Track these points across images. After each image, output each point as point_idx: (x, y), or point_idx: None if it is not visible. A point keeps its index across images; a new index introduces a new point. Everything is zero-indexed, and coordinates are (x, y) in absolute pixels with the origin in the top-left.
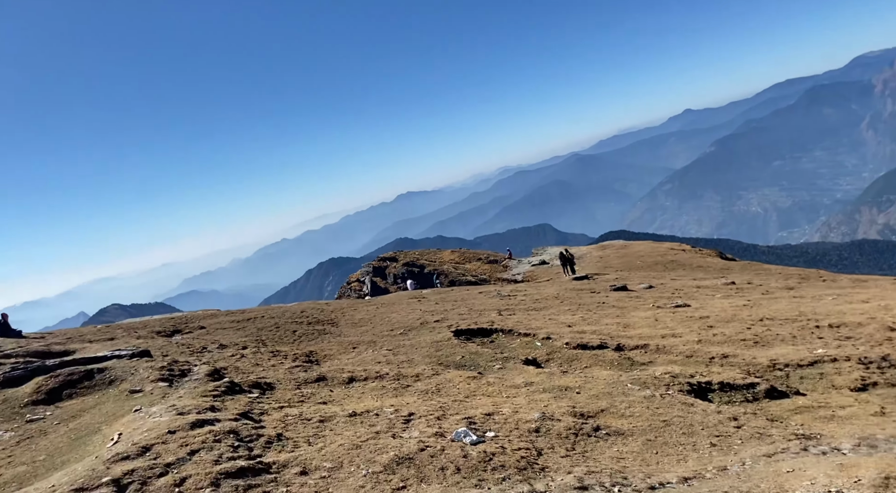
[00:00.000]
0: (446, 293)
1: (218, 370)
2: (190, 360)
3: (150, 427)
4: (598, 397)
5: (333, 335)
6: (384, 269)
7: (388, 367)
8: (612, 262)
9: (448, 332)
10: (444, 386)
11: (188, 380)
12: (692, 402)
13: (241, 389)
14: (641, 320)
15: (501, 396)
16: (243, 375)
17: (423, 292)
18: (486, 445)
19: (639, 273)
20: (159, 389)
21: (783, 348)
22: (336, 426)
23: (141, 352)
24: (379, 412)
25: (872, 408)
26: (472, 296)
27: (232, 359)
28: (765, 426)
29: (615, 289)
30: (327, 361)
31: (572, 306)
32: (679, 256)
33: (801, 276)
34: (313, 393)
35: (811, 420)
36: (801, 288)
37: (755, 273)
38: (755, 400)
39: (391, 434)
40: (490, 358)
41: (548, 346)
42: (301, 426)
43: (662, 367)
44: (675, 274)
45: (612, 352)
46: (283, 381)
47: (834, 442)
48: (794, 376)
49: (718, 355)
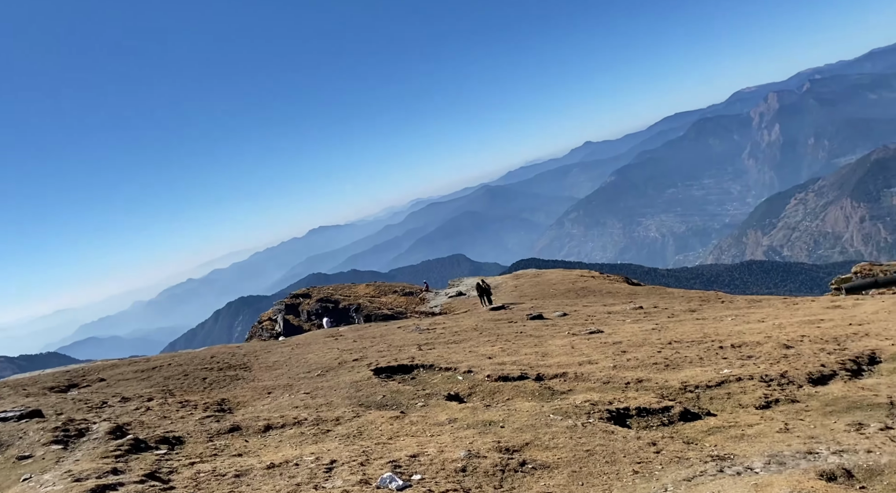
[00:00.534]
0: (364, 330)
1: (121, 427)
2: (88, 417)
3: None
4: (522, 430)
5: (247, 381)
6: (297, 306)
7: (307, 411)
8: (527, 291)
9: (367, 370)
10: (367, 428)
11: (86, 440)
12: (612, 429)
13: (148, 445)
14: (559, 348)
15: (426, 435)
16: (149, 430)
17: (340, 330)
18: (413, 490)
19: (553, 301)
20: (52, 452)
21: (692, 370)
22: (253, 481)
23: (31, 412)
24: (299, 462)
25: (777, 425)
26: (390, 331)
27: (136, 413)
28: (682, 450)
29: (532, 318)
30: (241, 408)
31: (491, 337)
32: (589, 282)
33: (702, 298)
34: (227, 445)
35: (724, 440)
36: (703, 310)
37: (660, 297)
38: (671, 423)
39: (313, 485)
40: (412, 396)
41: (469, 379)
42: (215, 483)
43: (582, 395)
44: (586, 301)
45: (533, 382)
46: (193, 434)
47: (746, 462)
48: (704, 397)
49: (633, 380)
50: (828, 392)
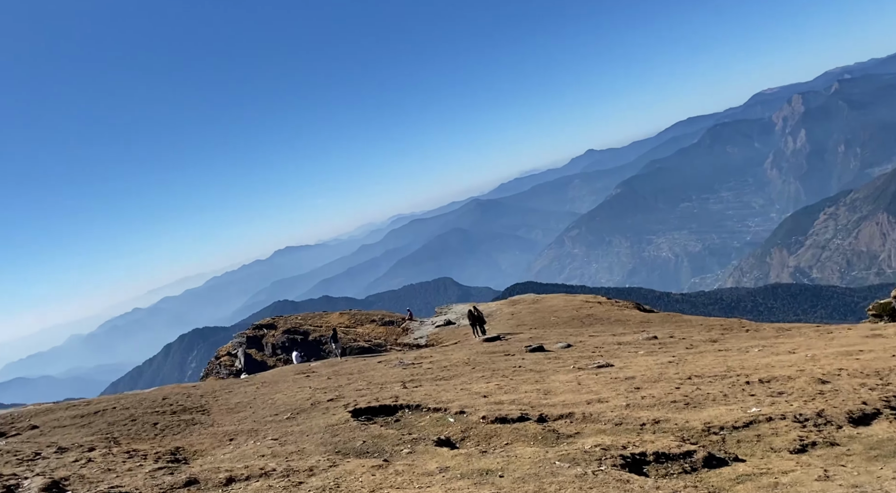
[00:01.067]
0: (340, 365)
1: (57, 482)
2: (18, 472)
3: None
4: (524, 479)
5: (205, 425)
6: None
7: (275, 461)
8: (525, 319)
9: (345, 412)
10: (345, 480)
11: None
12: (627, 478)
13: None
14: (563, 384)
15: (413, 486)
16: (91, 485)
17: (312, 365)
18: None
19: (555, 330)
20: None
21: (716, 409)
22: None
23: None
24: None
25: (815, 472)
26: (370, 366)
27: (75, 465)
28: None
29: (531, 350)
30: (199, 458)
31: (486, 372)
32: (595, 309)
33: (724, 326)
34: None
35: (755, 490)
36: (726, 340)
37: (676, 325)
38: (693, 471)
39: None
40: (396, 441)
41: (462, 422)
42: None
43: (591, 438)
44: (593, 330)
45: (535, 424)
46: (143, 489)
47: None
48: (730, 440)
49: (650, 421)
50: (871, 434)
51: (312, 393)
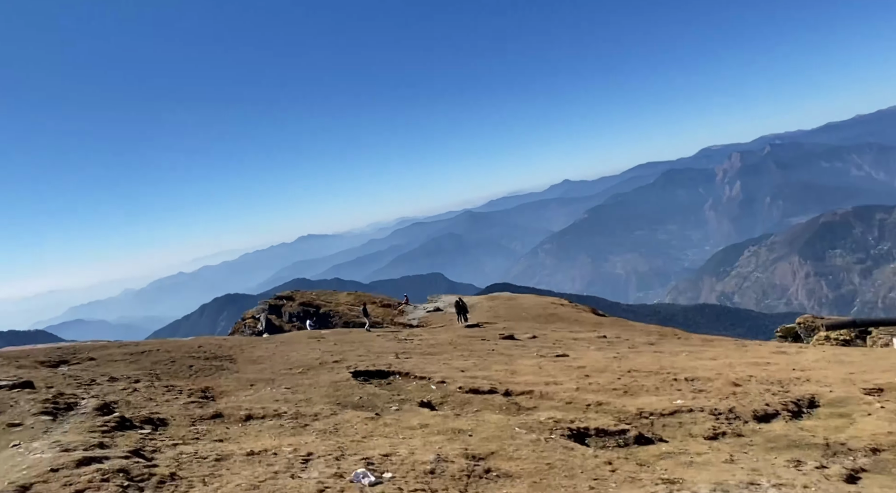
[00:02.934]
0: (345, 334)
1: (108, 404)
2: (77, 393)
3: (31, 464)
4: (488, 440)
5: (231, 372)
6: (280, 307)
7: (287, 406)
8: (501, 312)
9: (347, 372)
10: (343, 426)
11: (74, 414)
12: (572, 446)
13: (133, 424)
14: (527, 367)
15: (398, 437)
16: (135, 410)
17: (323, 332)
18: (384, 486)
19: (524, 324)
20: (41, 423)
21: (648, 398)
22: (233, 466)
23: (23, 383)
24: (277, 452)
25: (723, 456)
26: (370, 338)
27: (123, 393)
28: (635, 471)
29: (503, 338)
30: (224, 397)
31: (465, 352)
32: (559, 310)
33: (660, 333)
34: (209, 430)
35: (674, 466)
36: (661, 344)
37: (622, 328)
38: (626, 445)
39: (290, 475)
40: (387, 400)
41: (442, 390)
42: (196, 465)
43: (546, 412)
44: (555, 326)
45: (502, 397)
46: (177, 417)
47: (694, 487)
48: (657, 424)
49: (594, 403)
50: (770, 430)
51: (321, 355)
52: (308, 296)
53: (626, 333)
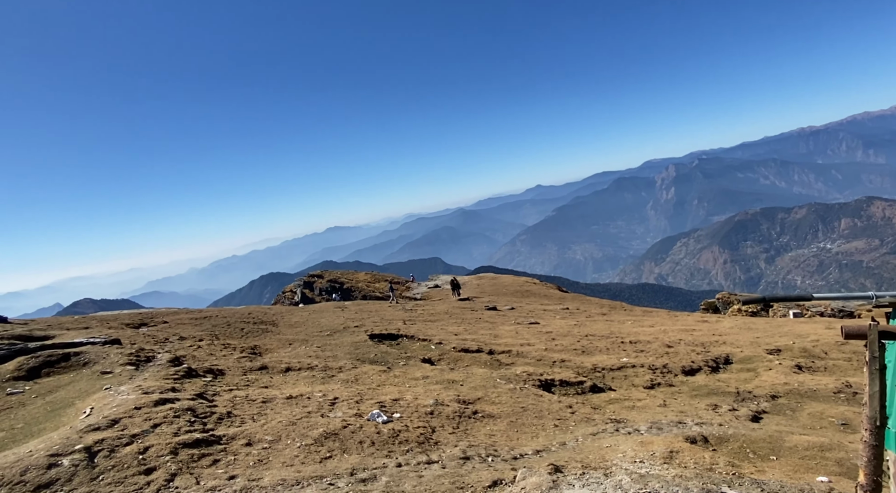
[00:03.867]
0: (363, 305)
1: (178, 358)
2: (154, 348)
3: (119, 403)
4: (476, 388)
5: (274, 334)
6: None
7: (317, 360)
8: (486, 289)
9: (364, 335)
10: (361, 377)
11: (152, 365)
12: (541, 394)
13: (197, 374)
14: (506, 332)
15: (405, 386)
16: (199, 362)
17: (345, 304)
18: (394, 424)
19: (504, 298)
20: (127, 371)
21: (601, 357)
22: (276, 406)
23: (112, 340)
24: (311, 396)
25: (658, 401)
26: (383, 309)
27: (190, 349)
28: (590, 413)
29: (488, 309)
30: (268, 354)
31: (458, 320)
32: (532, 287)
33: (611, 306)
34: (257, 379)
35: (620, 409)
36: (611, 315)
37: (581, 302)
38: (583, 393)
39: (320, 414)
40: (397, 356)
41: (439, 349)
42: (247, 406)
43: (521, 367)
44: (529, 300)
45: (486, 355)
46: (232, 368)
47: (635, 425)
48: (608, 377)
49: (559, 360)
50: (694, 381)
51: (344, 321)
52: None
53: (584, 306)
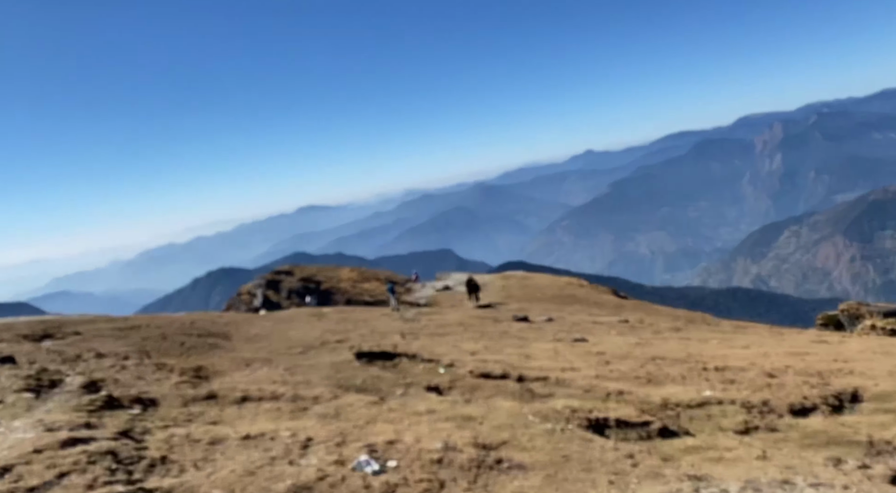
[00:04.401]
0: (349, 312)
1: (95, 382)
2: (62, 369)
3: (12, 444)
4: (500, 428)
5: (226, 350)
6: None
7: (285, 387)
8: (514, 292)
9: (349, 353)
10: (344, 410)
11: (59, 392)
12: (591, 437)
13: (121, 404)
14: (542, 351)
15: (403, 423)
16: (124, 388)
17: (324, 310)
18: (389, 475)
19: (539, 305)
20: (23, 400)
21: (674, 388)
22: (228, 450)
23: (3, 358)
24: (275, 436)
25: (755, 452)
26: (374, 317)
27: (111, 370)
28: (659, 465)
29: (517, 319)
30: (218, 377)
31: (475, 333)
32: (577, 291)
33: (688, 318)
34: (202, 412)
35: (701, 461)
36: (688, 330)
37: (646, 312)
38: (649, 438)
39: (288, 461)
40: (392, 383)
41: (451, 373)
42: (188, 448)
43: (562, 400)
44: (572, 308)
45: (514, 383)
46: (168, 397)
47: (723, 484)
48: (684, 416)
49: (615, 392)
50: (808, 425)
51: (322, 334)
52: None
53: (650, 317)
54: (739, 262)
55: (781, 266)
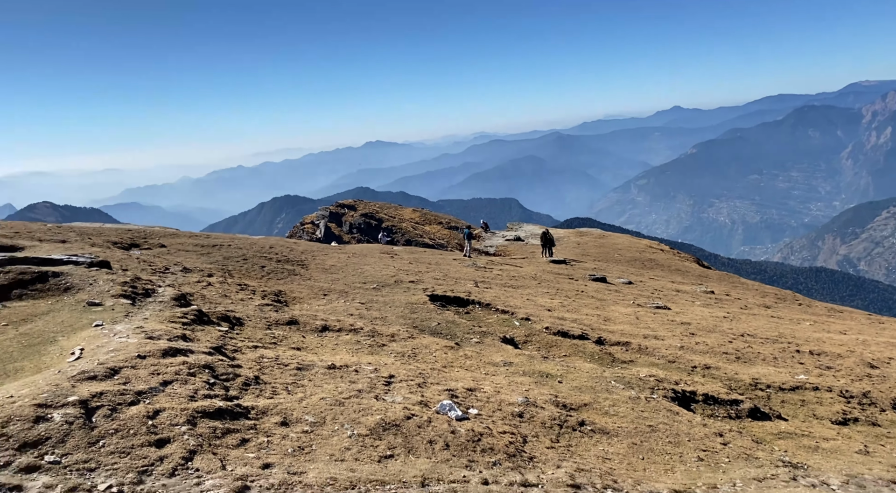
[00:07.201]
0: (420, 254)
1: (184, 296)
2: (153, 279)
3: (117, 348)
4: (580, 389)
5: (303, 278)
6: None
7: (362, 321)
8: (590, 250)
9: (423, 295)
10: (421, 351)
11: (152, 301)
12: (677, 410)
13: (210, 320)
14: (622, 315)
15: (480, 372)
16: (211, 305)
17: (395, 249)
18: (472, 423)
19: (617, 267)
20: (121, 306)
21: (765, 368)
22: (315, 377)
23: (100, 262)
24: (358, 369)
25: (856, 445)
26: (446, 261)
27: (198, 286)
28: (751, 447)
29: (594, 279)
30: (297, 304)
31: (550, 289)
32: (657, 255)
33: (778, 296)
34: (285, 336)
35: (795, 448)
36: (778, 308)
37: (732, 285)
38: (738, 418)
39: (374, 395)
40: (467, 330)
41: (526, 327)
42: (278, 371)
43: (645, 368)
44: (652, 273)
45: (593, 345)
46: (252, 318)
47: (822, 476)
48: (775, 399)
49: (701, 365)
50: None
51: (396, 272)
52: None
53: (736, 291)
54: (827, 240)
55: (874, 250)
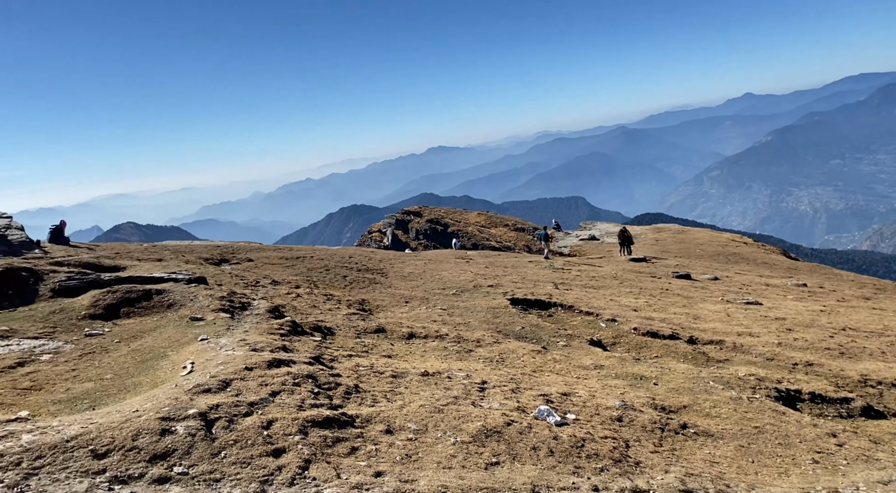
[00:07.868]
0: (494, 257)
1: (277, 308)
2: (246, 293)
3: (225, 360)
4: (678, 391)
5: (384, 286)
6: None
7: (446, 328)
8: (670, 247)
9: (503, 299)
10: (508, 356)
11: (249, 314)
12: (783, 410)
13: (304, 331)
14: (712, 313)
15: (571, 376)
16: (302, 315)
17: (469, 253)
18: (572, 428)
19: (700, 262)
20: (221, 319)
21: (873, 364)
22: (410, 385)
23: (197, 278)
24: (451, 376)
25: None
26: (522, 264)
27: (288, 297)
28: (869, 448)
29: (678, 276)
30: (381, 312)
31: (633, 289)
32: (741, 249)
33: (877, 286)
34: (375, 345)
35: None
36: (880, 300)
37: (825, 277)
38: (850, 417)
39: (470, 402)
40: (553, 333)
41: (613, 329)
42: (375, 380)
43: (743, 367)
44: (738, 268)
45: (685, 344)
46: (342, 327)
47: None
48: (888, 396)
49: (802, 363)
50: None
51: (474, 277)
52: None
53: (830, 283)
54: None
55: None
